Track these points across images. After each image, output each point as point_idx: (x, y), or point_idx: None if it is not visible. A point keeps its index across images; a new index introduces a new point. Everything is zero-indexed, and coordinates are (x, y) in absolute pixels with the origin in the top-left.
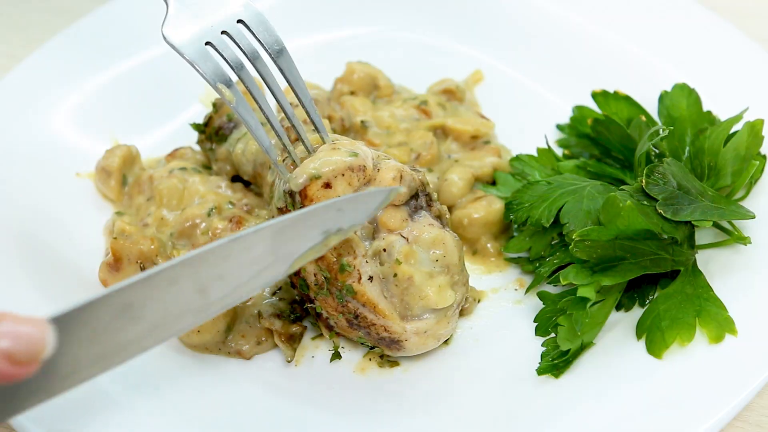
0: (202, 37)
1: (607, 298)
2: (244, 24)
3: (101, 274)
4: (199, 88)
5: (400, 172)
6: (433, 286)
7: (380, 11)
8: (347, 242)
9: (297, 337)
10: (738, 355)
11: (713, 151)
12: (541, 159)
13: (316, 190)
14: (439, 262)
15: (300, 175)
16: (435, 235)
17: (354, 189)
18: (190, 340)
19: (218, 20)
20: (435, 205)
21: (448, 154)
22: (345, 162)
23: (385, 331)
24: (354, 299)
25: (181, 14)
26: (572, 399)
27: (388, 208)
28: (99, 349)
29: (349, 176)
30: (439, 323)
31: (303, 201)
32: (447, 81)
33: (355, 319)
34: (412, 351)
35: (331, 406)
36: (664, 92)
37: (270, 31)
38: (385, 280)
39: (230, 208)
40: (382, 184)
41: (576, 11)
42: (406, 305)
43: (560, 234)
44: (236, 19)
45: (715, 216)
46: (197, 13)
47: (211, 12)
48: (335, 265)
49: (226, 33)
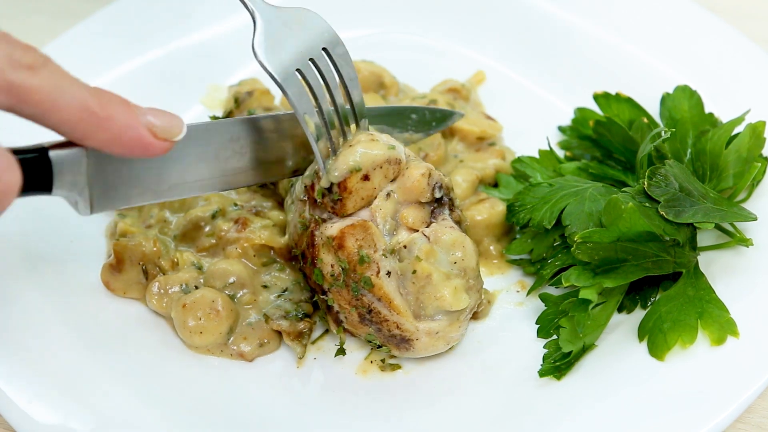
0: (294, 63)
1: (609, 300)
2: (327, 52)
3: (103, 275)
4: (201, 90)
5: (429, 170)
6: (450, 288)
7: (382, 13)
8: (368, 235)
9: (306, 334)
10: (740, 357)
11: (715, 153)
12: (543, 161)
13: (356, 182)
14: (458, 265)
15: (341, 167)
16: (455, 237)
17: (388, 181)
18: (193, 342)
19: (307, 46)
20: (456, 210)
21: (453, 154)
22: (385, 155)
23: (397, 329)
24: (370, 293)
25: (270, 32)
26: (574, 401)
27: (412, 206)
28: (203, 172)
29: (386, 168)
30: (451, 326)
31: (342, 192)
32: (451, 81)
33: (368, 313)
34: (421, 352)
35: (333, 408)
36: (665, 94)
37: (349, 63)
38: (403, 277)
39: (235, 210)
40: (410, 181)
41: (577, 13)
42: (420, 304)
43: (562, 236)
44: (322, 46)
45: (717, 218)
46: (284, 33)
47: (299, 34)
48: (355, 257)
49: (312, 60)
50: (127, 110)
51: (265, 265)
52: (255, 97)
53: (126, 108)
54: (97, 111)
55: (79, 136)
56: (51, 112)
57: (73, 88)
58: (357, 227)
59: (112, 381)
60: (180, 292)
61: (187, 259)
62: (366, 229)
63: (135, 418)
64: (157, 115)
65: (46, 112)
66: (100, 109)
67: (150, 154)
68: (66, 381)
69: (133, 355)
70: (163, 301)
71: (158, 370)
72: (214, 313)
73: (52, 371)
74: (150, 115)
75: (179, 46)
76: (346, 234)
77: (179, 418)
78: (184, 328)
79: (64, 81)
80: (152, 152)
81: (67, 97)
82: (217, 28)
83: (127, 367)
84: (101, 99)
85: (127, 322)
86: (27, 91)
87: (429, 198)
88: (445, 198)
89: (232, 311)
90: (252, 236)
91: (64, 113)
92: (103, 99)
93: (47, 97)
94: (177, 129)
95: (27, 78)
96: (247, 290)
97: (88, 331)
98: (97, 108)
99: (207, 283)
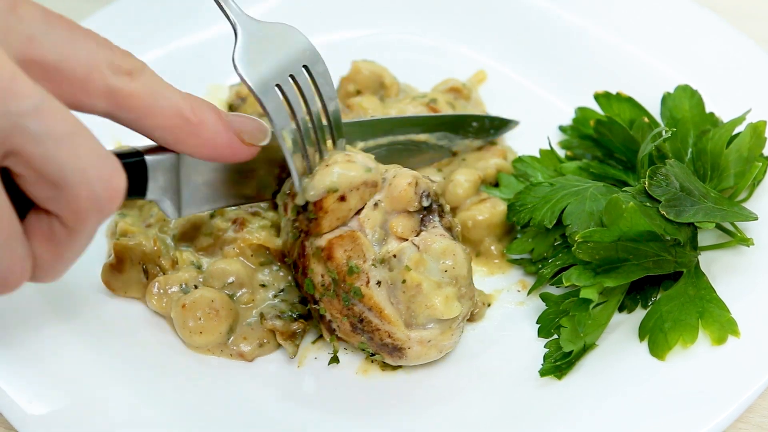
0: (274, 78)
1: (609, 299)
2: (307, 70)
3: (104, 275)
4: (200, 91)
5: (415, 179)
6: (441, 296)
7: (383, 13)
8: (357, 245)
9: (299, 335)
10: (741, 356)
11: (716, 153)
12: (544, 160)
13: (332, 202)
14: (448, 273)
15: (317, 187)
16: (446, 246)
17: (364, 203)
18: (193, 342)
19: (287, 62)
20: (446, 216)
21: None
22: (362, 177)
23: (389, 338)
24: (360, 302)
25: (251, 45)
26: (575, 400)
27: (401, 215)
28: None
29: (362, 191)
30: (444, 334)
31: (317, 212)
32: (452, 80)
33: (359, 323)
34: (413, 360)
35: (333, 408)
36: (666, 94)
37: (329, 82)
38: (393, 287)
39: (233, 210)
40: (396, 190)
41: (578, 13)
42: (411, 313)
43: (563, 235)
44: (303, 63)
45: (718, 217)
46: (266, 47)
47: (280, 49)
48: (344, 267)
49: (292, 77)
50: (217, 116)
51: (262, 264)
52: (249, 104)
53: (216, 114)
54: (190, 117)
55: (172, 141)
56: (147, 117)
57: (168, 94)
58: (345, 238)
59: (112, 381)
60: (179, 291)
61: (186, 258)
62: (355, 239)
63: (135, 418)
64: (245, 120)
65: (142, 117)
66: (193, 114)
67: (238, 159)
68: (66, 380)
69: (133, 354)
70: (163, 301)
71: (158, 370)
72: (213, 313)
73: (52, 371)
74: (238, 121)
75: (180, 45)
76: (334, 245)
77: (179, 418)
78: (183, 328)
79: (160, 87)
80: (240, 157)
81: (162, 103)
82: (218, 28)
83: (127, 367)
84: (193, 105)
85: (127, 322)
86: (126, 96)
87: (417, 207)
88: (434, 205)
89: (232, 311)
90: (249, 236)
91: (159, 119)
92: (195, 105)
93: (144, 103)
94: (262, 134)
95: (126, 83)
96: (246, 290)
97: (88, 330)
98: (189, 114)
99: (206, 283)
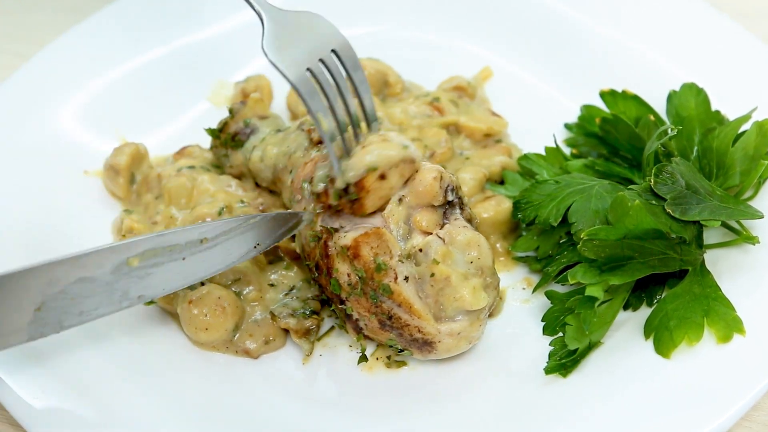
0: (304, 62)
1: (615, 297)
2: (336, 54)
3: None
4: (207, 87)
5: (440, 173)
6: (468, 288)
7: (388, 10)
8: (383, 242)
9: (313, 331)
10: (746, 354)
11: (722, 151)
12: (549, 158)
13: (373, 181)
14: (474, 264)
15: (357, 166)
16: (470, 237)
17: (404, 180)
18: (198, 338)
19: (316, 47)
20: (466, 208)
21: (459, 150)
22: (400, 154)
23: (419, 332)
24: (389, 299)
25: (278, 33)
26: (580, 398)
27: (425, 209)
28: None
29: (402, 167)
30: (472, 325)
31: (359, 192)
32: (457, 78)
33: (388, 320)
34: (444, 353)
35: (338, 405)
36: (672, 92)
37: (357, 65)
38: (420, 281)
39: (242, 207)
40: (422, 185)
41: (584, 11)
42: (440, 306)
43: (568, 233)
44: (331, 48)
45: (724, 216)
46: (293, 34)
47: (307, 35)
48: (371, 265)
49: (322, 61)
50: None
51: (271, 263)
52: (249, 106)
53: None
54: None
55: None
56: None
57: None
58: (371, 235)
59: (118, 377)
60: (186, 288)
61: None
62: (380, 236)
63: (141, 413)
64: None
65: None
66: None
67: None
68: (72, 377)
69: (139, 351)
70: (170, 298)
71: (164, 366)
72: (219, 310)
73: (58, 367)
74: None
75: (186, 42)
76: (360, 243)
77: (185, 414)
78: (189, 324)
79: None
80: None
81: None
82: (224, 25)
83: (133, 363)
84: None
85: (133, 318)
86: None
87: (441, 201)
88: (456, 198)
89: (238, 308)
90: None
91: None
92: None
93: None
94: None
95: None
96: (253, 287)
97: (94, 327)
98: None
99: (213, 280)
